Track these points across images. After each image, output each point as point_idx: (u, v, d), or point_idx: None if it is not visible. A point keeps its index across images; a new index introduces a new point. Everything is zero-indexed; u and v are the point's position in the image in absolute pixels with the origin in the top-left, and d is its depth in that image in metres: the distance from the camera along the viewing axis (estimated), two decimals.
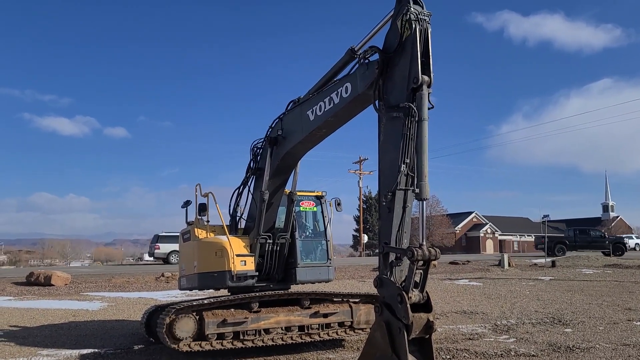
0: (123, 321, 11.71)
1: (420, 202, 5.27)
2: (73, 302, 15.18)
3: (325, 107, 6.77)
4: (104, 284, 19.67)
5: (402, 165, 5.39)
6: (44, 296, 16.54)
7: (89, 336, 9.85)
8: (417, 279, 5.12)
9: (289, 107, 7.80)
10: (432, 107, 5.42)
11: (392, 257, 5.37)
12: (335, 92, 6.56)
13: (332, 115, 6.70)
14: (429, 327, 4.98)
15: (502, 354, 7.73)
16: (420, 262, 5.05)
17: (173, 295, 16.10)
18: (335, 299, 8.73)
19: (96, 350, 8.46)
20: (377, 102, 5.87)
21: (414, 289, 5.06)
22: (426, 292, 5.13)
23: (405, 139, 5.40)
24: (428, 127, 5.29)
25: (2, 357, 8.10)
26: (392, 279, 5.26)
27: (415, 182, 5.27)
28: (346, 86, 6.37)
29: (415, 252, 4.91)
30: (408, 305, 4.85)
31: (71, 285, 18.90)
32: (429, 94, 5.38)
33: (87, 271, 27.78)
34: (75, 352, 8.32)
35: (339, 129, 7.21)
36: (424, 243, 5.07)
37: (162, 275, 21.44)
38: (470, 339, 9.06)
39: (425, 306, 5.08)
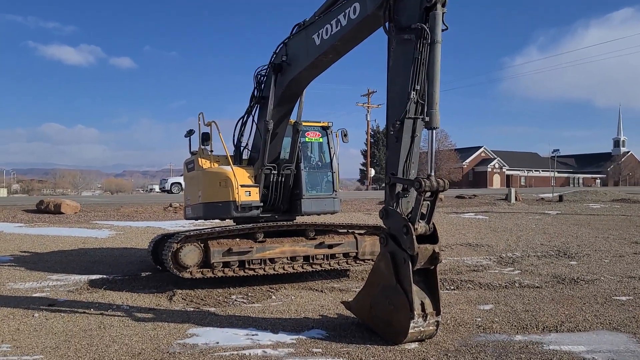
0: (131, 249, 11.90)
1: (430, 131, 5.04)
2: (82, 229, 15.44)
3: (331, 30, 6.38)
4: (112, 213, 19.94)
5: (412, 92, 5.11)
6: (54, 224, 16.82)
7: (97, 262, 10.04)
8: (423, 210, 5.00)
9: (293, 31, 7.38)
10: (447, 29, 5.06)
11: (399, 188, 5.23)
12: (343, 13, 6.14)
13: (339, 38, 6.31)
14: (434, 258, 4.92)
15: (506, 285, 7.76)
16: (428, 193, 4.91)
17: (180, 224, 16.30)
18: (340, 230, 8.72)
19: (105, 276, 8.62)
20: (387, 23, 5.50)
21: (420, 221, 4.95)
22: (432, 223, 5.03)
23: (416, 64, 5.09)
24: (441, 51, 4.97)
25: (13, 280, 8.27)
26: (398, 210, 5.14)
27: (425, 110, 5.01)
28: (354, 6, 5.95)
29: (423, 183, 4.75)
30: (414, 237, 4.76)
31: (80, 214, 19.20)
32: (443, 14, 5.01)
33: (96, 200, 28.17)
34: (85, 277, 8.48)
35: (345, 55, 6.84)
36: (432, 174, 4.90)
37: (170, 205, 21.67)
38: (474, 270, 9.11)
39: (431, 238, 4.99)
